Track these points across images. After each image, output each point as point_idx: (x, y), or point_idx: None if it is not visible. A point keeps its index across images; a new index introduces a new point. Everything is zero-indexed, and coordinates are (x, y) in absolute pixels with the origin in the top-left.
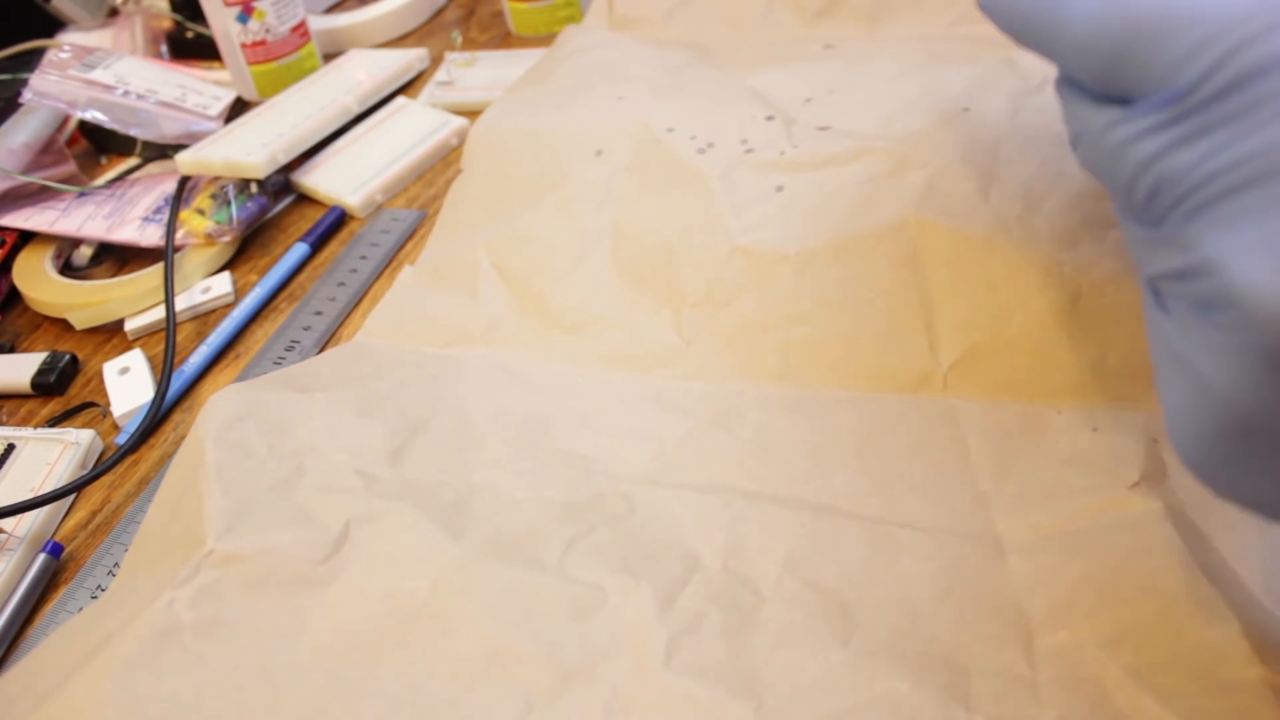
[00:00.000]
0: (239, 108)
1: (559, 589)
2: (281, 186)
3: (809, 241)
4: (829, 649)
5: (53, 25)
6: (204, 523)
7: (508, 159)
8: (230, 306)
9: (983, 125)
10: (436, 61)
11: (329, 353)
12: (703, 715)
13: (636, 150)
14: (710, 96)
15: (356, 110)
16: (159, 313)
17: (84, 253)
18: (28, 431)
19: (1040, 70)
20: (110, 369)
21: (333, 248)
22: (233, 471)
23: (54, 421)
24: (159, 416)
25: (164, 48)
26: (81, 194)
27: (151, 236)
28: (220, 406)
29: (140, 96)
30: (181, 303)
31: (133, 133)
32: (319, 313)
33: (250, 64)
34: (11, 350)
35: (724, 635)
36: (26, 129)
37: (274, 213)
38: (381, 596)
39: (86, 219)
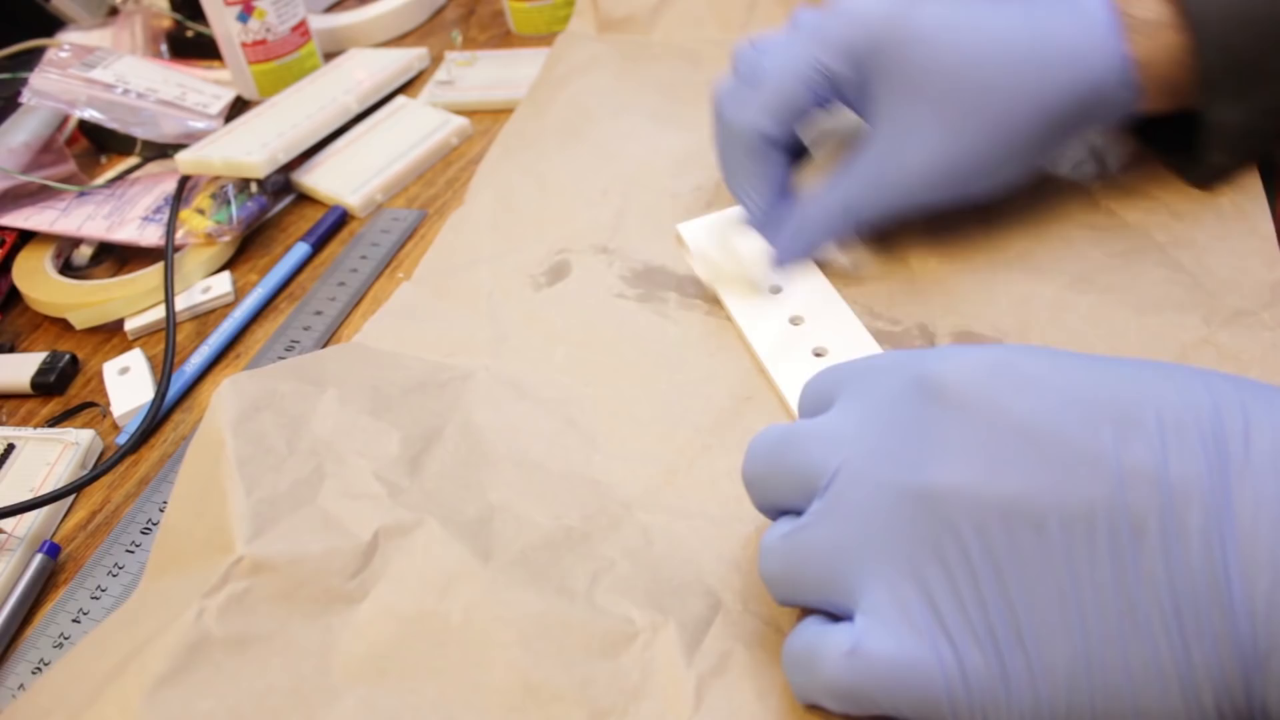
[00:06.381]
0: (239, 107)
1: (590, 620)
2: (281, 186)
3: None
4: None
5: (52, 24)
6: (231, 523)
7: (513, 196)
8: (230, 306)
9: None
10: (436, 61)
11: (331, 349)
12: None
13: (641, 195)
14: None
15: (356, 110)
16: (159, 312)
17: (84, 252)
18: (27, 431)
19: None
20: (110, 369)
21: (332, 248)
22: (254, 467)
23: (54, 421)
24: (159, 417)
25: (164, 47)
26: (81, 193)
27: (151, 236)
28: (234, 393)
29: (140, 96)
30: (181, 302)
31: (133, 132)
32: (319, 313)
33: (250, 63)
34: (11, 350)
35: (752, 675)
36: (26, 128)
37: (274, 212)
38: (413, 618)
39: (86, 218)
